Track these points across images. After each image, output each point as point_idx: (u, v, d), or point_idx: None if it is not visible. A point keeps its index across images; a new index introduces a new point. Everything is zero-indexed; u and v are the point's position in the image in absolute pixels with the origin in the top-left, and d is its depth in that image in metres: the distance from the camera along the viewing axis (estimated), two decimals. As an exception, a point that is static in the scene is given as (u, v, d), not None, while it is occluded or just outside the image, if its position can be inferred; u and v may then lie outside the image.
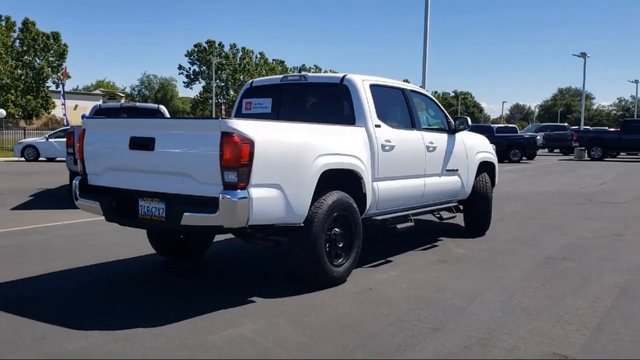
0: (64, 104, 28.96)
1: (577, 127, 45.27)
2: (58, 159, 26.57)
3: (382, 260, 6.52)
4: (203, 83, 75.63)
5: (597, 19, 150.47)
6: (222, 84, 75.16)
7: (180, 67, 75.70)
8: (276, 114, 6.59)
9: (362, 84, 6.19)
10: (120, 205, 5.32)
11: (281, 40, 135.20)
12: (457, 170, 7.60)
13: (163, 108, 12.96)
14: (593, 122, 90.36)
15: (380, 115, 6.21)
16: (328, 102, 6.51)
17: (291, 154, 5.06)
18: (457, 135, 7.67)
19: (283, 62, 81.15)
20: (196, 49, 74.31)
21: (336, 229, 5.50)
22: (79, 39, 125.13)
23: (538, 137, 31.35)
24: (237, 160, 4.59)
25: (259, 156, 4.69)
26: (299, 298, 5.13)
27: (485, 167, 8.36)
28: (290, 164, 5.04)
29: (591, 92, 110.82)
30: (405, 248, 7.19)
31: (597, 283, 5.77)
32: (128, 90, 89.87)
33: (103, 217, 5.53)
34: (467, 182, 7.87)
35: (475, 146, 8.18)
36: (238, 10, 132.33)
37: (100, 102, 62.30)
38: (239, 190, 4.61)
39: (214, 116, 31.27)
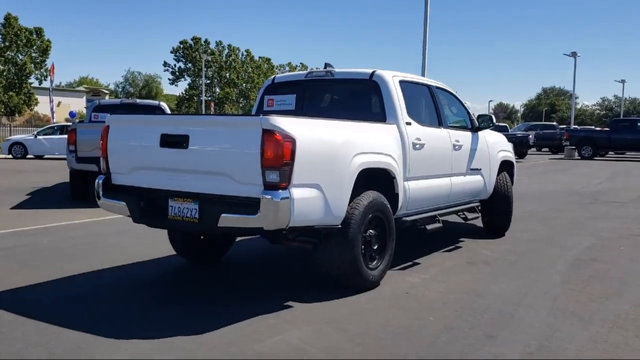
0: (52, 101, 28.35)
1: (564, 126, 45.52)
2: (46, 156, 26.08)
3: (410, 263, 6.32)
4: (189, 80, 74.96)
5: (581, 19, 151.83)
6: (208, 82, 74.53)
7: (165, 64, 75.01)
8: (300, 111, 6.35)
9: (392, 79, 5.98)
10: (148, 206, 5.06)
11: (267, 37, 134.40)
12: (480, 169, 7.42)
13: (164, 105, 12.63)
14: (577, 121, 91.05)
15: (410, 113, 6.01)
16: (356, 99, 6.29)
17: (330, 153, 4.83)
18: (480, 133, 7.50)
19: (269, 59, 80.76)
20: (182, 46, 73.65)
21: (371, 231, 5.28)
22: (62, 34, 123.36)
23: (530, 136, 31.42)
24: (279, 159, 4.35)
25: (300, 155, 4.46)
26: (335, 302, 4.90)
27: (505, 166, 8.20)
28: (330, 163, 4.81)
29: (575, 91, 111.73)
30: (429, 249, 6.99)
31: (635, 286, 5.62)
32: (112, 87, 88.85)
33: (106, 217, 5.29)
34: (490, 181, 7.70)
35: (497, 145, 8.02)
36: (224, 7, 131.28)
37: (84, 99, 61.56)
38: (280, 191, 4.38)
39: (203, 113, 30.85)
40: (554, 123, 47.84)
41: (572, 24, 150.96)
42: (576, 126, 52.24)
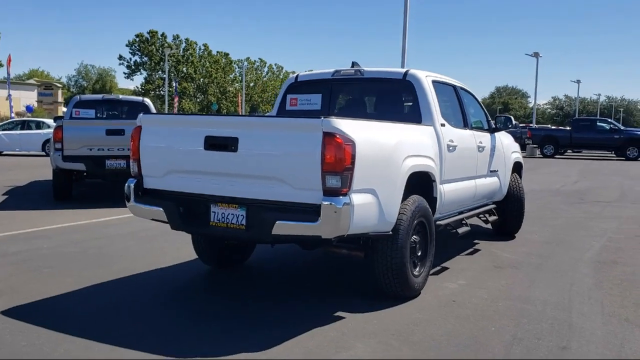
0: (10, 95, 27.15)
1: (523, 125, 46.41)
2: (5, 152, 24.99)
3: (439, 268, 6.18)
4: (145, 74, 73.35)
5: (535, 18, 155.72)
6: (165, 76, 73.07)
7: (120, 58, 73.29)
8: (327, 112, 6.12)
9: (426, 79, 5.82)
10: (188, 212, 4.75)
11: (226, 31, 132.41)
12: (497, 170, 7.35)
13: (148, 101, 12.15)
14: (529, 120, 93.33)
15: (443, 114, 5.86)
16: (389, 99, 6.11)
17: (385, 156, 4.64)
18: (496, 134, 7.42)
19: (228, 54, 79.79)
20: (138, 39, 71.96)
21: (415, 237, 5.11)
22: (10, 24, 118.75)
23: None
24: (340, 164, 4.13)
25: (359, 159, 4.24)
26: (387, 313, 4.72)
27: (516, 168, 8.17)
28: (384, 167, 4.62)
29: (527, 90, 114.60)
30: (448, 253, 6.86)
31: None
32: (64, 80, 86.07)
33: (103, 219, 4.96)
34: (505, 183, 7.64)
35: (510, 146, 7.97)
36: (182, 0, 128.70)
37: (36, 92, 59.37)
38: (341, 197, 4.16)
39: (176, 110, 30.20)
40: (515, 122, 48.68)
41: (525, 23, 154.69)
42: (531, 125, 53.36)
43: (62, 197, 10.62)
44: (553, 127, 45.95)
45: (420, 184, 5.28)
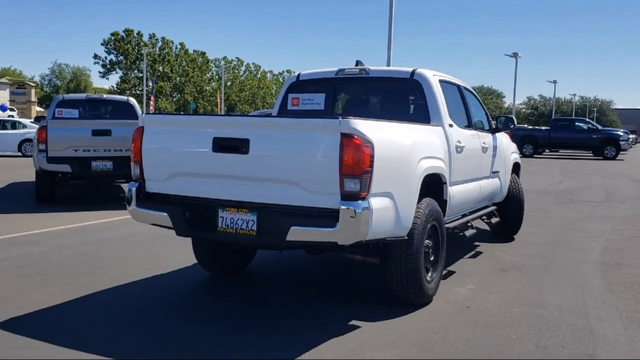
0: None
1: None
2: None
3: (445, 271, 6.01)
4: (120, 73, 72.29)
5: (509, 19, 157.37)
6: (141, 75, 72.09)
7: (95, 57, 71.98)
8: (331, 111, 5.95)
9: (433, 78, 5.67)
10: (194, 217, 4.52)
11: (202, 30, 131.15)
12: (498, 172, 7.24)
13: (133, 101, 11.82)
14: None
15: (450, 114, 5.72)
16: (396, 99, 5.94)
17: (402, 157, 4.48)
18: (497, 135, 7.30)
19: (204, 53, 79.01)
20: (113, 38, 70.84)
21: (428, 241, 4.95)
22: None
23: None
24: (360, 166, 3.95)
25: (377, 161, 4.07)
26: (402, 321, 4.56)
27: (515, 168, 8.08)
28: (401, 169, 4.45)
29: (502, 90, 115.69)
30: (452, 256, 6.71)
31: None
32: (37, 79, 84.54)
33: (89, 223, 4.73)
34: (505, 183, 7.55)
35: (509, 146, 7.88)
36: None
37: (8, 91, 58.15)
38: (360, 201, 3.98)
39: (153, 109, 29.72)
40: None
41: (500, 23, 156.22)
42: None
43: (46, 200, 10.26)
44: (530, 127, 46.29)
45: (432, 186, 5.13)
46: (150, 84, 63.66)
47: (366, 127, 4.04)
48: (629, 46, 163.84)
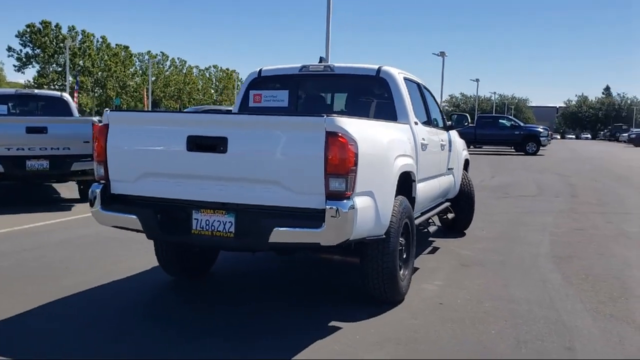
0: None
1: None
2: None
3: (409, 268, 6.06)
4: (37, 67, 69.04)
5: (432, 20, 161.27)
6: (60, 69, 69.10)
7: (9, 49, 68.41)
8: (294, 109, 5.84)
9: (399, 76, 5.68)
10: (166, 219, 4.31)
11: (125, 24, 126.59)
12: (453, 168, 7.35)
13: (67, 96, 11.23)
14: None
15: (414, 112, 5.74)
16: (361, 97, 5.90)
17: (381, 156, 4.44)
18: (451, 132, 7.41)
19: (127, 47, 76.67)
20: (29, 30, 67.52)
21: (401, 239, 4.94)
22: None
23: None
24: (345, 165, 3.88)
25: (361, 159, 4.00)
26: (381, 320, 4.53)
27: (465, 165, 8.23)
28: (380, 168, 4.42)
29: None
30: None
31: (631, 281, 5.80)
32: (-57, 72, 79.36)
33: (32, 225, 4.47)
34: (458, 180, 7.68)
35: (461, 143, 8.02)
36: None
37: None
38: (345, 201, 3.90)
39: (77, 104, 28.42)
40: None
41: (423, 23, 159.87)
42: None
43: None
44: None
45: (404, 184, 5.12)
46: (72, 78, 61.04)
47: (350, 125, 3.97)
48: (544, 45, 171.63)
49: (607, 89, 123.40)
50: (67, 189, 11.48)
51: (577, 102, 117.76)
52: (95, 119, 9.75)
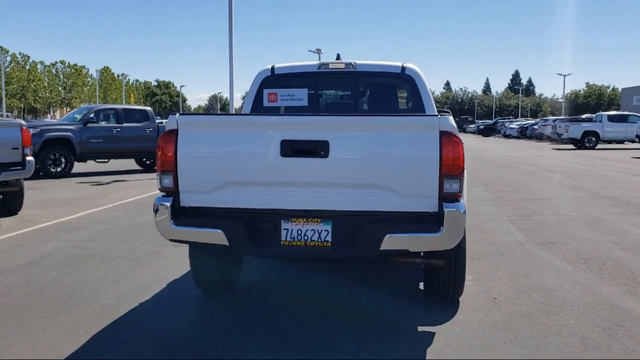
0: None
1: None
2: None
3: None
4: None
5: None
6: None
7: None
8: (315, 108, 5.61)
9: (422, 73, 5.65)
10: (253, 232, 3.92)
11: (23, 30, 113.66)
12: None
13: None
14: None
15: (432, 109, 5.77)
16: (385, 95, 5.78)
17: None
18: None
19: (28, 56, 69.91)
20: None
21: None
22: None
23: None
24: (458, 166, 3.80)
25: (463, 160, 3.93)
26: (458, 321, 4.49)
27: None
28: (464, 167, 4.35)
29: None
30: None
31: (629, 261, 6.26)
32: None
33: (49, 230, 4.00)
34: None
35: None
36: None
37: None
38: (460, 202, 3.82)
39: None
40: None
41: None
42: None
43: None
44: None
45: None
46: None
47: (452, 124, 3.89)
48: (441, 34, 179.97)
49: (448, 84, 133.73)
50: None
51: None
52: (24, 122, 8.67)
